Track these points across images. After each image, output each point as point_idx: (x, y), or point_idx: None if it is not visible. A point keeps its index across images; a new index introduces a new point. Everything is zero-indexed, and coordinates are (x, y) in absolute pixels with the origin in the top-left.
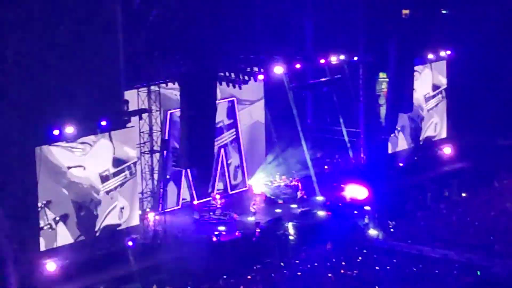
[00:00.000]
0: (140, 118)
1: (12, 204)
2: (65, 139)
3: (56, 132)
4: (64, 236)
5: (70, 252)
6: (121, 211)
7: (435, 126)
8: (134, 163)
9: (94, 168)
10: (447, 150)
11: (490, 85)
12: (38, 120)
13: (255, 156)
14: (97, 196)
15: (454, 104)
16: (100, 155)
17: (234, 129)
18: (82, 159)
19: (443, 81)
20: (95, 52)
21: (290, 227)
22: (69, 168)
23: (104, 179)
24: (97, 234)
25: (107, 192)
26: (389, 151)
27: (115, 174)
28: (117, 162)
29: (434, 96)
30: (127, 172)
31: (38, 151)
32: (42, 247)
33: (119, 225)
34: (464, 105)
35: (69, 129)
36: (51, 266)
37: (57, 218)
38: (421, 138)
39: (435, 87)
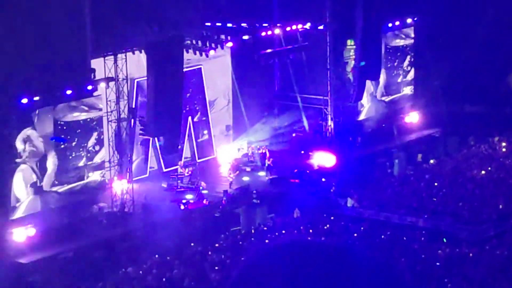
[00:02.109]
0: (107, 87)
1: None
2: (34, 107)
3: (24, 100)
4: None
5: (40, 220)
6: None
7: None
8: None
9: None
10: (413, 117)
11: (457, 52)
12: (4, 89)
13: (223, 124)
14: None
15: (422, 72)
16: None
17: (201, 97)
18: None
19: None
20: (61, 20)
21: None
22: None
23: None
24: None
25: None
26: (357, 118)
27: None
28: None
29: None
30: None
31: None
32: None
33: None
34: (432, 72)
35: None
36: (19, 234)
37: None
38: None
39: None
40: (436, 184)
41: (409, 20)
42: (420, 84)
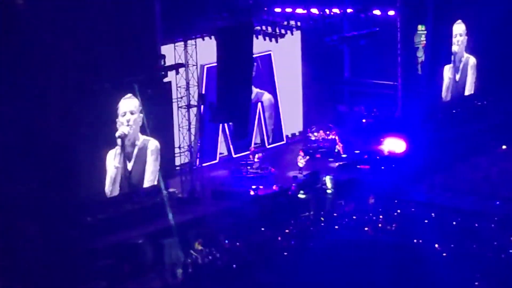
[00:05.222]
0: (177, 73)
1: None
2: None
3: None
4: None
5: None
6: None
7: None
8: None
9: None
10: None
11: None
12: (77, 76)
13: (292, 109)
14: None
15: (486, 57)
16: None
17: (271, 83)
18: None
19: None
20: (131, 6)
21: (328, 180)
22: None
23: None
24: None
25: None
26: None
27: None
28: None
29: None
30: None
31: None
32: None
33: None
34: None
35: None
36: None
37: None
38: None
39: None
40: (508, 170)
41: None
42: (483, 70)
